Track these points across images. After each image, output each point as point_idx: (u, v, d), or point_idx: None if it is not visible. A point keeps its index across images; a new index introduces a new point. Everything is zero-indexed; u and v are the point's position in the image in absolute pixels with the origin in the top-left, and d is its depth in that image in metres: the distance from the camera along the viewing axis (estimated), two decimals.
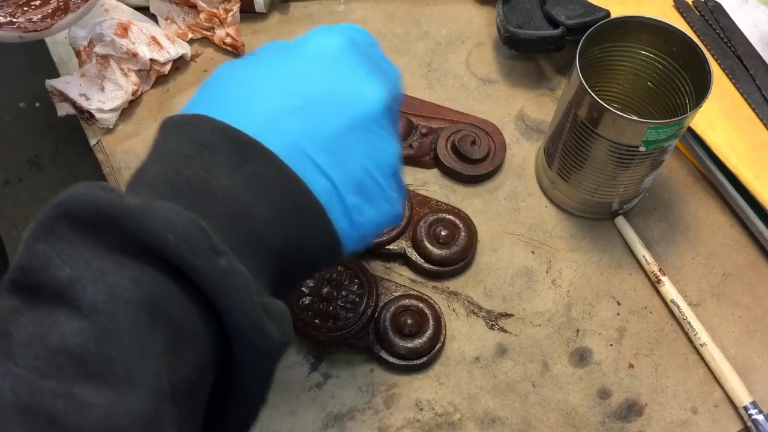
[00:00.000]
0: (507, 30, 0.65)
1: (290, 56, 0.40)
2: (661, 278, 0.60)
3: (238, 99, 0.38)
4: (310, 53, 0.40)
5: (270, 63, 0.40)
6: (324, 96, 0.38)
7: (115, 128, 0.66)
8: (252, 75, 0.39)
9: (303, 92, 0.38)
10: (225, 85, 0.39)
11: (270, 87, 0.38)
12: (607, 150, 0.55)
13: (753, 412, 0.55)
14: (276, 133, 0.37)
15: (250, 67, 0.40)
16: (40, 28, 0.57)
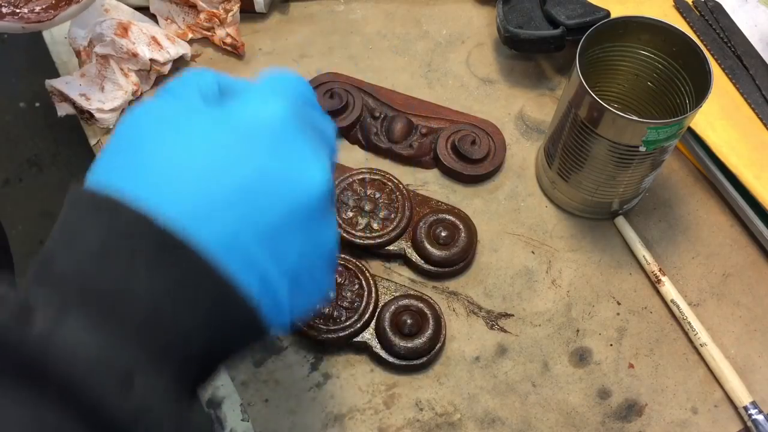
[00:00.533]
0: (507, 30, 0.65)
1: (225, 128, 0.35)
2: (661, 278, 0.60)
3: (165, 177, 0.33)
4: (248, 125, 0.35)
5: (203, 134, 0.34)
6: (263, 181, 0.34)
7: None
8: (182, 146, 0.34)
9: (240, 177, 0.33)
10: (148, 151, 0.34)
11: (202, 167, 0.33)
12: (607, 150, 0.55)
13: (753, 412, 0.55)
14: (208, 224, 0.32)
15: (179, 133, 0.34)
16: (43, 18, 0.56)
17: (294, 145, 0.35)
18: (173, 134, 0.34)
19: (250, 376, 0.56)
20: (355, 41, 0.71)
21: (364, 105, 0.66)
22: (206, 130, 0.34)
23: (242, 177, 0.33)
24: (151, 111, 0.35)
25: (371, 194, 0.62)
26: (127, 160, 0.34)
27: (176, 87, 0.37)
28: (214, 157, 0.34)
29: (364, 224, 0.60)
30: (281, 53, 0.71)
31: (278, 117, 0.35)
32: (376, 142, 0.65)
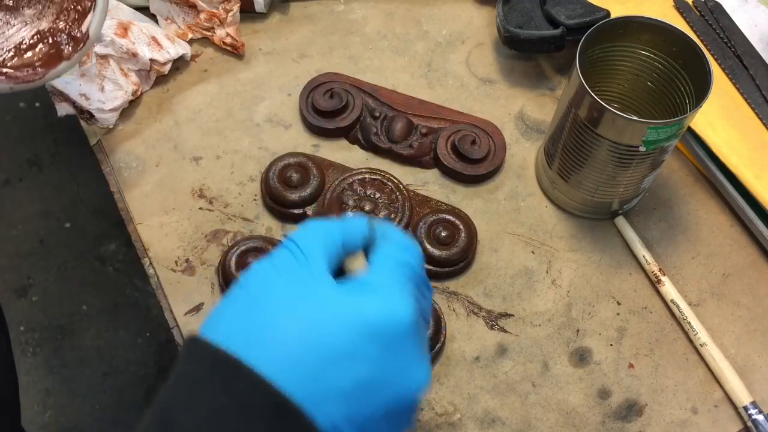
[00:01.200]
0: (507, 30, 0.65)
1: (352, 320, 0.36)
2: (661, 278, 0.60)
3: (290, 356, 0.35)
4: (374, 324, 0.36)
5: (329, 320, 0.36)
6: (375, 380, 0.36)
7: (115, 128, 0.66)
8: (308, 325, 0.36)
9: (357, 373, 0.35)
10: (272, 319, 0.36)
11: (325, 357, 0.35)
12: (607, 150, 0.55)
13: (753, 412, 0.55)
14: (322, 408, 0.34)
15: (306, 309, 0.36)
16: (32, 78, 0.54)
17: (409, 351, 0.37)
18: (300, 308, 0.36)
19: None
20: (355, 41, 0.71)
21: (364, 105, 0.66)
22: (334, 317, 0.36)
23: (359, 373, 0.35)
24: (278, 272, 0.38)
25: (371, 194, 0.62)
26: (250, 323, 0.36)
27: (303, 243, 0.39)
28: (338, 348, 0.35)
29: None
30: (281, 53, 0.71)
31: (402, 323, 0.37)
32: (376, 142, 0.65)
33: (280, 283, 0.37)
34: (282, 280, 0.37)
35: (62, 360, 1.34)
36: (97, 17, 0.56)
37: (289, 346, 0.35)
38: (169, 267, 0.60)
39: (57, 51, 0.55)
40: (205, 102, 0.68)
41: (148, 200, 0.63)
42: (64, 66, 0.55)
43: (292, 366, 0.35)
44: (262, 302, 0.37)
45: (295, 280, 0.37)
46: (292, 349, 0.35)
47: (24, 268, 1.42)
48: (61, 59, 0.55)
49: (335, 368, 0.35)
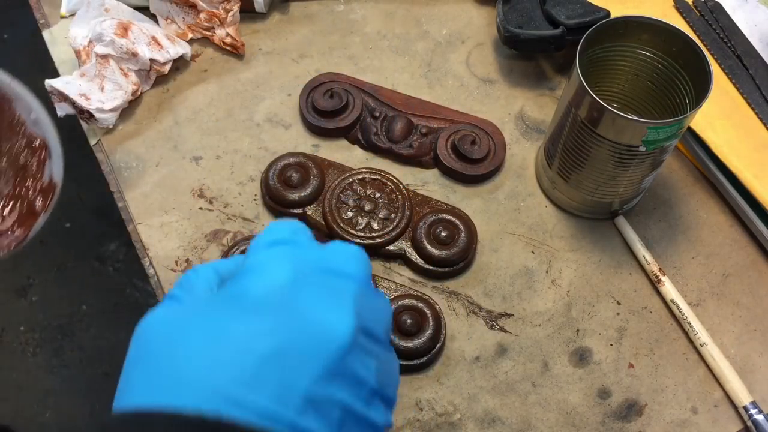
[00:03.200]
0: (507, 30, 0.65)
1: (233, 309, 0.35)
2: (661, 278, 0.60)
3: (187, 378, 0.32)
4: (257, 299, 0.35)
5: (210, 326, 0.34)
6: (283, 349, 0.33)
7: (115, 128, 0.66)
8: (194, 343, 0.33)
9: (262, 352, 0.33)
10: (162, 358, 0.34)
11: (222, 355, 0.33)
12: (607, 150, 0.55)
13: (753, 412, 0.55)
14: (243, 405, 0.32)
15: (187, 333, 0.34)
16: (14, 244, 0.52)
17: (308, 302, 0.35)
18: (183, 336, 0.34)
19: None
20: (355, 41, 0.71)
21: (364, 105, 0.66)
22: (212, 320, 0.34)
23: (263, 353, 0.33)
24: (155, 319, 0.36)
25: (371, 194, 0.62)
26: (143, 373, 0.34)
27: (176, 291, 0.38)
28: (230, 340, 0.33)
29: (364, 224, 0.60)
30: (281, 53, 0.71)
31: (286, 279, 0.35)
32: (376, 142, 0.65)
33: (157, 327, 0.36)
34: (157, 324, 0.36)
35: (62, 360, 1.34)
36: (55, 162, 0.54)
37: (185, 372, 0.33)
38: (169, 267, 0.60)
39: (30, 209, 0.53)
40: (205, 102, 0.68)
41: (148, 200, 0.63)
42: (42, 219, 0.54)
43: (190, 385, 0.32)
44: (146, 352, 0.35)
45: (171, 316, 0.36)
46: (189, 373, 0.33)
47: (24, 268, 1.42)
48: (36, 215, 0.53)
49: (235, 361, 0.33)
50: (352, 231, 0.60)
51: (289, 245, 0.38)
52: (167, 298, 0.38)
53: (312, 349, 0.34)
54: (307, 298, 0.35)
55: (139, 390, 0.33)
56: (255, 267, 0.37)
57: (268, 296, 0.35)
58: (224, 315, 0.34)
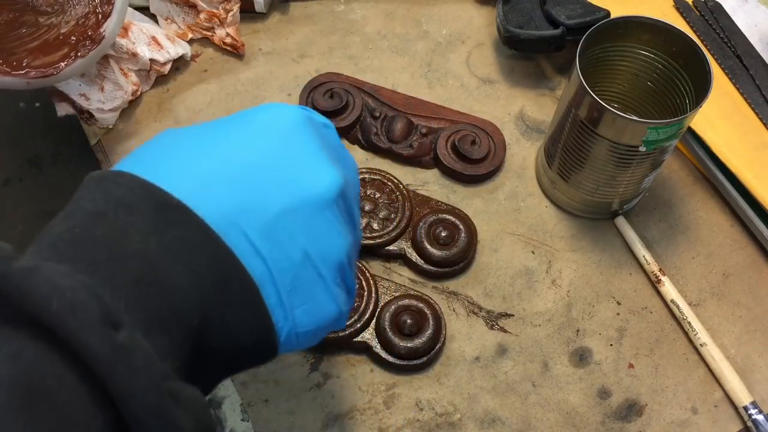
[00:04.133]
0: (507, 30, 0.65)
1: (236, 125, 0.36)
2: (661, 278, 0.60)
3: (170, 160, 0.34)
4: (259, 124, 0.36)
5: (212, 130, 0.36)
6: (268, 170, 0.34)
7: (115, 128, 0.66)
8: (190, 140, 0.35)
9: (245, 161, 0.34)
10: (159, 147, 0.35)
11: (208, 152, 0.34)
12: (607, 150, 0.55)
13: (753, 412, 0.55)
14: (208, 200, 0.32)
15: (190, 132, 0.36)
16: (47, 74, 0.56)
17: (305, 145, 0.35)
18: (184, 131, 0.36)
19: (250, 376, 0.56)
20: (355, 41, 0.71)
21: (364, 105, 0.66)
22: (216, 127, 0.36)
23: (246, 163, 0.34)
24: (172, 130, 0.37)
25: (371, 194, 0.62)
26: (140, 152, 0.35)
27: None
28: (220, 145, 0.34)
29: (363, 224, 0.60)
30: (281, 53, 0.71)
31: (292, 120, 0.36)
32: (376, 142, 0.65)
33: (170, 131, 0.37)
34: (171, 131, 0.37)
35: None
36: (114, 20, 0.58)
37: (168, 155, 0.34)
38: None
39: (76, 52, 0.57)
40: (205, 102, 0.68)
41: None
42: (80, 63, 0.57)
43: (169, 169, 0.33)
44: (152, 143, 0.36)
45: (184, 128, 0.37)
46: (169, 157, 0.34)
47: None
48: (76, 57, 0.57)
49: (214, 157, 0.34)
50: None
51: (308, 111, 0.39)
52: None
53: (293, 184, 0.34)
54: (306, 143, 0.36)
55: (128, 164, 0.34)
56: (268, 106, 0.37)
57: (272, 125, 0.36)
58: (224, 128, 0.36)
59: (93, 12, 0.58)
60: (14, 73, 0.56)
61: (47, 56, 0.56)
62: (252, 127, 0.35)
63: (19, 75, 0.56)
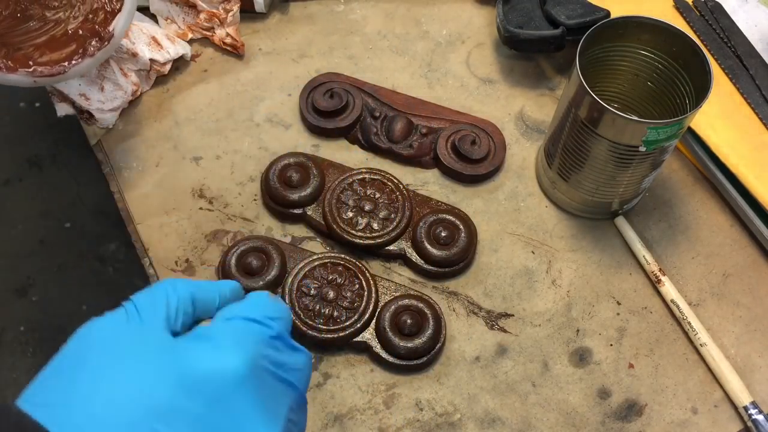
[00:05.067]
0: (507, 30, 0.65)
1: (172, 374, 0.33)
2: (661, 278, 0.60)
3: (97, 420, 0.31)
4: (195, 374, 0.33)
5: (146, 375, 0.33)
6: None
7: (115, 128, 0.66)
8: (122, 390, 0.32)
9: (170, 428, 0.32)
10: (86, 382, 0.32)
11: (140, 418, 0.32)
12: (607, 150, 0.55)
13: (753, 412, 0.55)
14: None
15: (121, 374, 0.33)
16: (55, 72, 0.55)
17: (241, 405, 0.34)
18: (115, 365, 0.33)
19: None
20: (355, 41, 0.71)
21: (364, 105, 0.66)
22: (151, 370, 0.33)
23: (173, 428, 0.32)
24: (106, 332, 0.35)
25: (371, 194, 0.62)
26: (62, 385, 0.33)
27: (140, 300, 0.36)
28: (154, 404, 0.32)
29: (364, 224, 0.60)
30: (281, 53, 0.71)
31: (230, 373, 0.34)
32: (376, 142, 0.65)
33: (101, 341, 0.34)
34: (104, 338, 0.34)
35: None
36: (123, 17, 0.57)
37: (94, 407, 0.32)
38: (169, 267, 0.60)
39: (84, 49, 0.56)
40: (205, 102, 0.68)
41: (148, 200, 0.63)
42: (88, 63, 0.56)
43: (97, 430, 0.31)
44: (72, 360, 0.34)
45: (119, 336, 0.34)
46: (97, 412, 0.31)
47: (24, 268, 1.42)
48: (84, 55, 0.56)
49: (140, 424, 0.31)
50: (352, 231, 0.60)
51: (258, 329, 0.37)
52: (131, 306, 0.36)
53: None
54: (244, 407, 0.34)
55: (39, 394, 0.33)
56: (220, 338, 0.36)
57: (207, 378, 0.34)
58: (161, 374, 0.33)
59: (102, 8, 0.57)
60: (21, 70, 0.55)
61: (54, 53, 0.56)
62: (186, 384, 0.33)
63: (26, 72, 0.55)
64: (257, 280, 0.57)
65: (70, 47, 0.56)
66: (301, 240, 0.62)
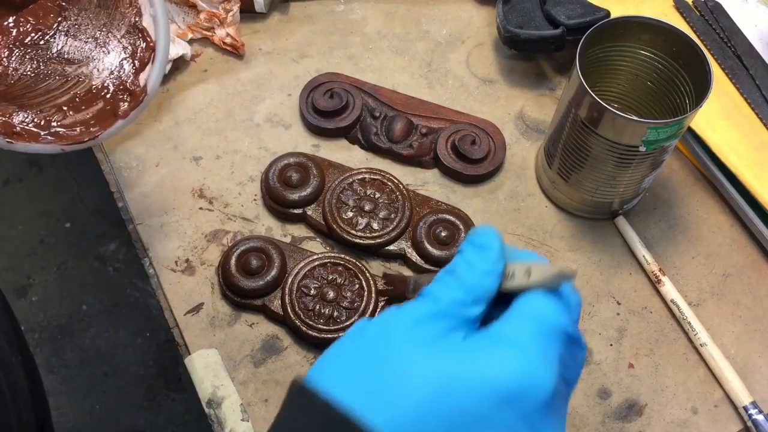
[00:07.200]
0: (507, 30, 0.65)
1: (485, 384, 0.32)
2: (661, 278, 0.60)
3: (411, 418, 0.31)
4: (507, 392, 0.32)
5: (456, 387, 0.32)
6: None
7: None
8: (435, 392, 0.32)
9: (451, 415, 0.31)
10: (398, 378, 0.32)
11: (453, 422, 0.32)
12: (607, 150, 0.55)
13: (753, 412, 0.55)
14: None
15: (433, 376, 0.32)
16: (85, 139, 0.48)
17: (543, 422, 0.33)
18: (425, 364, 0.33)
19: (250, 376, 0.56)
20: (355, 41, 0.71)
21: (364, 105, 0.66)
22: (463, 377, 0.32)
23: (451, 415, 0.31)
24: (411, 323, 0.34)
25: (371, 194, 0.62)
26: (366, 375, 0.33)
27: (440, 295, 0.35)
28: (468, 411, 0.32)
29: (364, 224, 0.60)
30: (281, 53, 0.71)
31: (539, 393, 0.32)
32: (376, 142, 0.65)
33: (404, 335, 0.33)
34: (409, 329, 0.34)
35: (62, 360, 1.34)
36: (156, 70, 0.50)
37: (408, 405, 0.31)
38: (169, 267, 0.60)
39: (113, 107, 0.50)
40: (205, 102, 0.68)
41: (148, 200, 0.63)
42: (120, 125, 0.50)
43: (412, 430, 0.31)
44: (382, 352, 0.33)
45: (424, 331, 0.34)
46: (411, 410, 0.31)
47: (24, 268, 1.42)
48: (116, 117, 0.50)
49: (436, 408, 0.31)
50: (352, 231, 0.60)
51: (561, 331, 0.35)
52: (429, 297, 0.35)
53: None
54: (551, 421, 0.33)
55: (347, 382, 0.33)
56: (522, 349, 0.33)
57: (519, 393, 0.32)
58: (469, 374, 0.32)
59: (129, 59, 0.50)
60: (46, 138, 0.48)
61: (79, 113, 0.49)
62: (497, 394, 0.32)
63: (52, 142, 0.47)
64: (257, 280, 0.57)
65: (96, 105, 0.50)
66: (301, 240, 0.62)
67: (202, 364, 0.56)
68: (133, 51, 0.50)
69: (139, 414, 1.30)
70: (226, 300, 0.59)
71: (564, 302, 0.36)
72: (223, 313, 0.59)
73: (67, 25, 0.51)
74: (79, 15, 0.51)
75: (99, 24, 0.51)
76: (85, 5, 0.51)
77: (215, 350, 0.57)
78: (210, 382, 0.55)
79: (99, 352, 1.34)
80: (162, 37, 0.50)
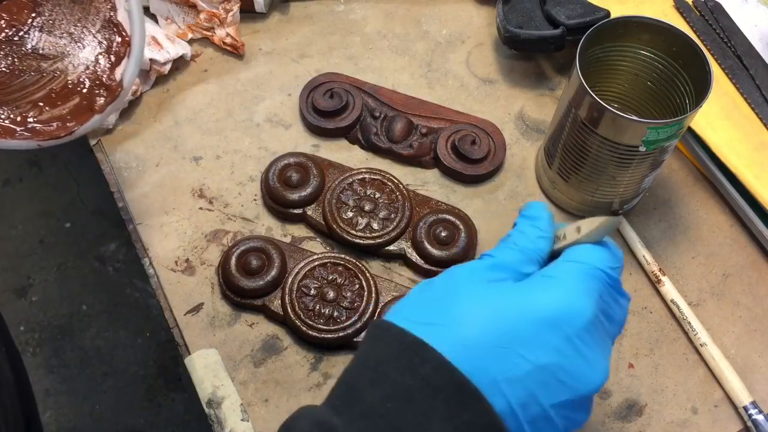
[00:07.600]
0: (507, 30, 0.65)
1: (531, 311, 0.38)
2: (661, 278, 0.60)
3: (471, 340, 0.37)
4: (552, 317, 0.38)
5: (508, 309, 0.38)
6: (553, 367, 0.38)
7: (115, 128, 0.66)
8: (490, 319, 0.38)
9: (536, 361, 0.37)
10: (459, 310, 0.39)
11: (503, 341, 0.37)
12: (607, 150, 0.55)
13: (753, 412, 0.55)
14: (499, 392, 0.37)
15: (488, 306, 0.39)
16: (62, 134, 0.48)
17: (589, 347, 0.38)
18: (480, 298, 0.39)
19: (250, 376, 0.56)
20: (355, 41, 0.71)
21: (364, 105, 0.66)
22: (512, 305, 0.38)
23: (537, 359, 0.37)
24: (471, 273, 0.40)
25: (371, 194, 0.62)
26: (430, 309, 0.39)
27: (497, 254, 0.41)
28: (517, 337, 0.38)
29: (364, 224, 0.60)
30: (281, 53, 0.71)
31: (586, 320, 0.38)
32: (376, 142, 0.65)
33: (464, 279, 0.40)
34: (469, 277, 0.40)
35: (62, 360, 1.34)
36: (132, 64, 0.50)
37: (468, 330, 0.37)
38: (169, 267, 0.60)
39: (89, 102, 0.50)
40: (205, 102, 0.68)
41: (148, 200, 0.63)
42: (97, 119, 0.50)
43: (472, 349, 0.37)
44: (445, 293, 0.40)
45: (482, 276, 0.40)
46: (471, 333, 0.37)
47: (24, 268, 1.42)
48: (92, 111, 0.50)
49: (513, 353, 0.37)
50: (352, 231, 0.60)
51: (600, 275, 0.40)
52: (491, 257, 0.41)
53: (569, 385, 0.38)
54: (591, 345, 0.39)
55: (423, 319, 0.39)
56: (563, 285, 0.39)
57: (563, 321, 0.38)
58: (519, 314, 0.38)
59: (104, 54, 0.50)
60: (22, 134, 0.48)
61: (55, 108, 0.49)
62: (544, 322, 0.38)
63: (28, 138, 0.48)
64: (257, 280, 0.57)
65: (73, 100, 0.50)
66: (301, 240, 0.62)
67: (202, 364, 0.56)
68: (109, 46, 0.50)
69: (139, 414, 1.30)
70: (226, 300, 0.59)
71: (606, 250, 0.41)
72: (223, 313, 0.59)
73: (41, 21, 0.51)
74: (53, 10, 0.51)
75: (74, 19, 0.51)
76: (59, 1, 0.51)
77: (215, 350, 0.57)
78: (210, 382, 0.55)
79: (99, 352, 1.34)
80: (137, 31, 0.50)
